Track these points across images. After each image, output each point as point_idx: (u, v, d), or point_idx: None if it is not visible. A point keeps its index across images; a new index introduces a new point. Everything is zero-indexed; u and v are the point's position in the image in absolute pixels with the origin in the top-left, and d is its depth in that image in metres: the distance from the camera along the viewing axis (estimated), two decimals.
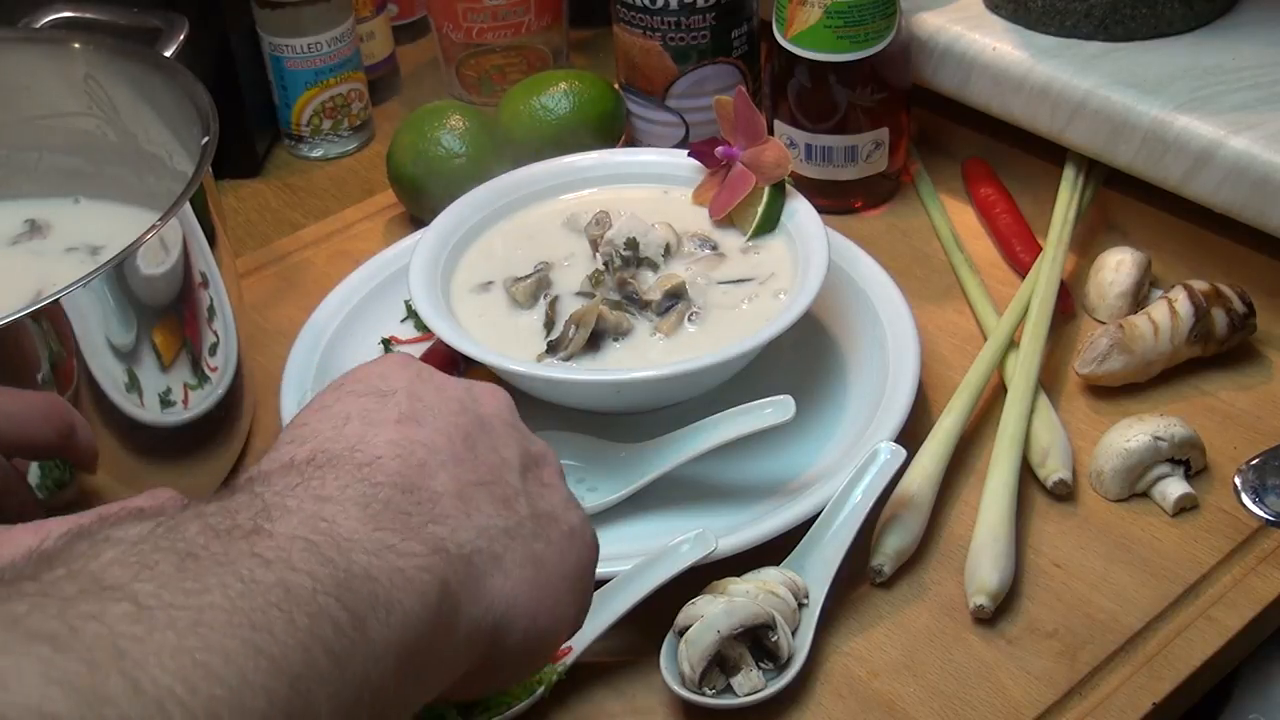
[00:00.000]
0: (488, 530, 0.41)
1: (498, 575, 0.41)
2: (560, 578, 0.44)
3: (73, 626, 0.29)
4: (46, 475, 0.61)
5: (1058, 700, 0.57)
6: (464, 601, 0.39)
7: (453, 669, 0.40)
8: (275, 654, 0.31)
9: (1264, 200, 0.72)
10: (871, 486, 0.62)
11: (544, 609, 0.43)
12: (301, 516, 0.36)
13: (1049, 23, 0.83)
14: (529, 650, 0.43)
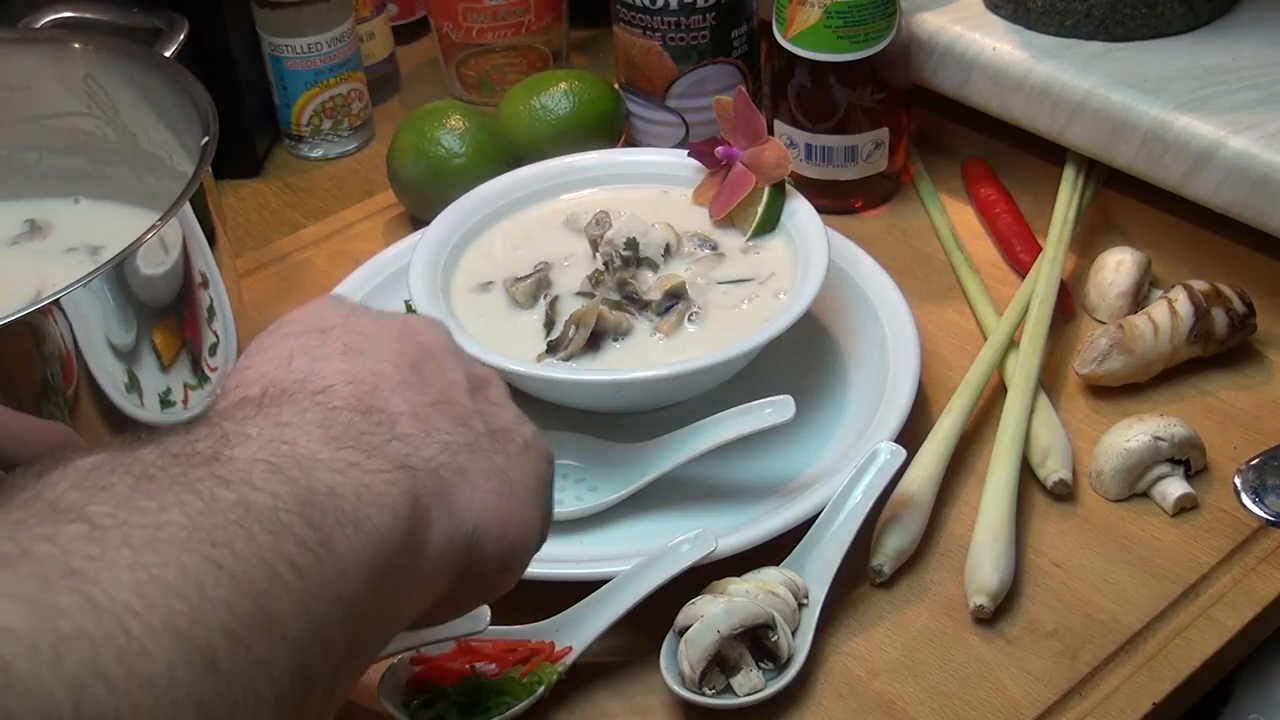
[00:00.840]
0: (450, 445, 0.41)
1: (465, 488, 0.41)
2: (524, 489, 0.44)
3: (24, 548, 0.28)
4: None
5: (1058, 700, 0.57)
6: (435, 516, 0.39)
7: (429, 588, 0.40)
8: (236, 569, 0.31)
9: (1264, 200, 0.72)
10: (871, 486, 0.62)
11: (513, 519, 0.43)
12: (261, 441, 0.36)
13: (1049, 23, 0.83)
14: (503, 563, 0.43)
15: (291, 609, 0.32)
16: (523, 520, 0.43)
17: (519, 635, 0.60)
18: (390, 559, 0.36)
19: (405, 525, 0.37)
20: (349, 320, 0.44)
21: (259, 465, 0.34)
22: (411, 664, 0.58)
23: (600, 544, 0.64)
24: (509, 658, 0.59)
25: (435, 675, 0.58)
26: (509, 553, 0.43)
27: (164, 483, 0.32)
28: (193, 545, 0.30)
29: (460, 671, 0.58)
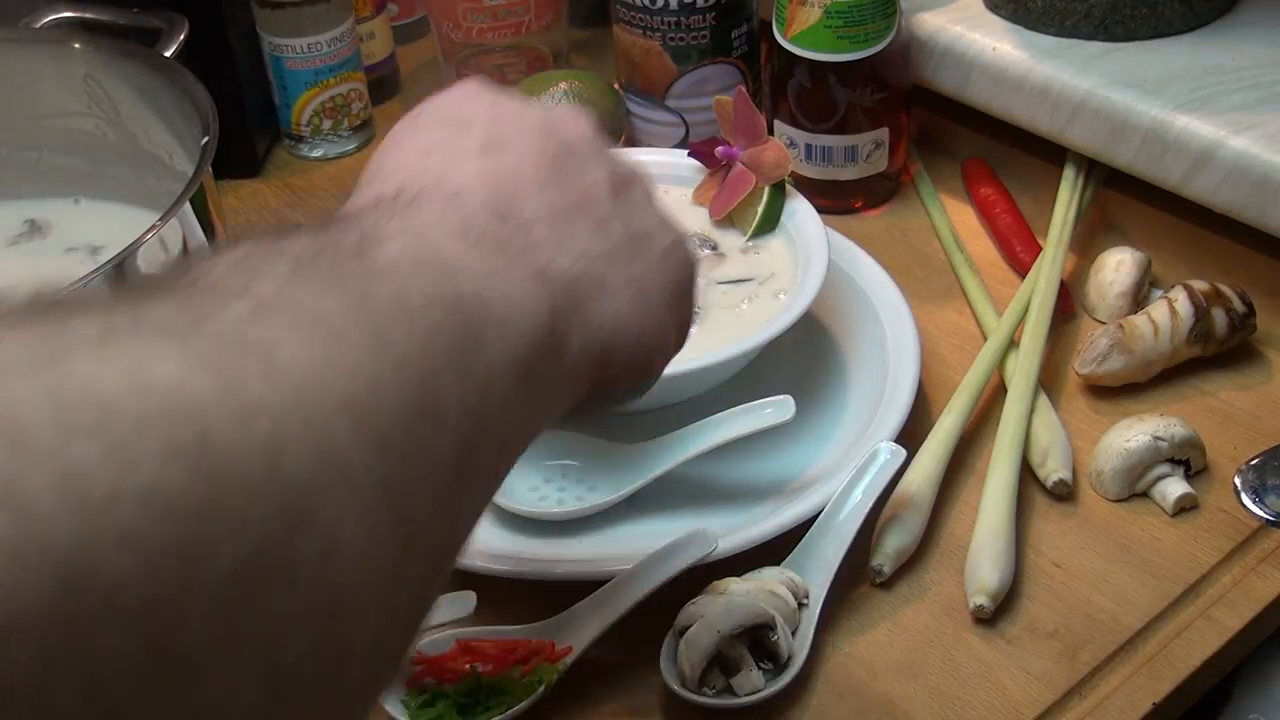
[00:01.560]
0: (587, 254, 0.41)
1: (601, 299, 0.41)
2: (660, 296, 0.44)
3: (197, 322, 0.28)
4: None
5: (1058, 700, 0.57)
6: (573, 326, 0.40)
7: (568, 392, 0.41)
8: (399, 358, 0.31)
9: (1264, 200, 0.72)
10: (871, 486, 0.62)
11: (648, 327, 0.43)
12: (403, 242, 0.35)
13: (1049, 23, 0.83)
14: (638, 370, 0.44)
15: (451, 400, 0.32)
16: (657, 328, 0.44)
17: (519, 635, 0.59)
18: (533, 362, 0.37)
19: (545, 331, 0.38)
20: (491, 112, 0.43)
21: (405, 264, 0.34)
22: (411, 664, 0.58)
23: (600, 544, 0.64)
24: (509, 658, 0.59)
25: (435, 675, 0.58)
26: (644, 360, 0.44)
27: (317, 273, 0.31)
28: (356, 332, 0.30)
29: (460, 671, 0.58)
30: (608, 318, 0.41)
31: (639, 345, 0.43)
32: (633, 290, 0.43)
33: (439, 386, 0.32)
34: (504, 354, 0.35)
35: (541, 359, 0.37)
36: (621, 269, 0.42)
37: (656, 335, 0.44)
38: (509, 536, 0.65)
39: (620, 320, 0.42)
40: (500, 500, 0.65)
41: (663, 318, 0.44)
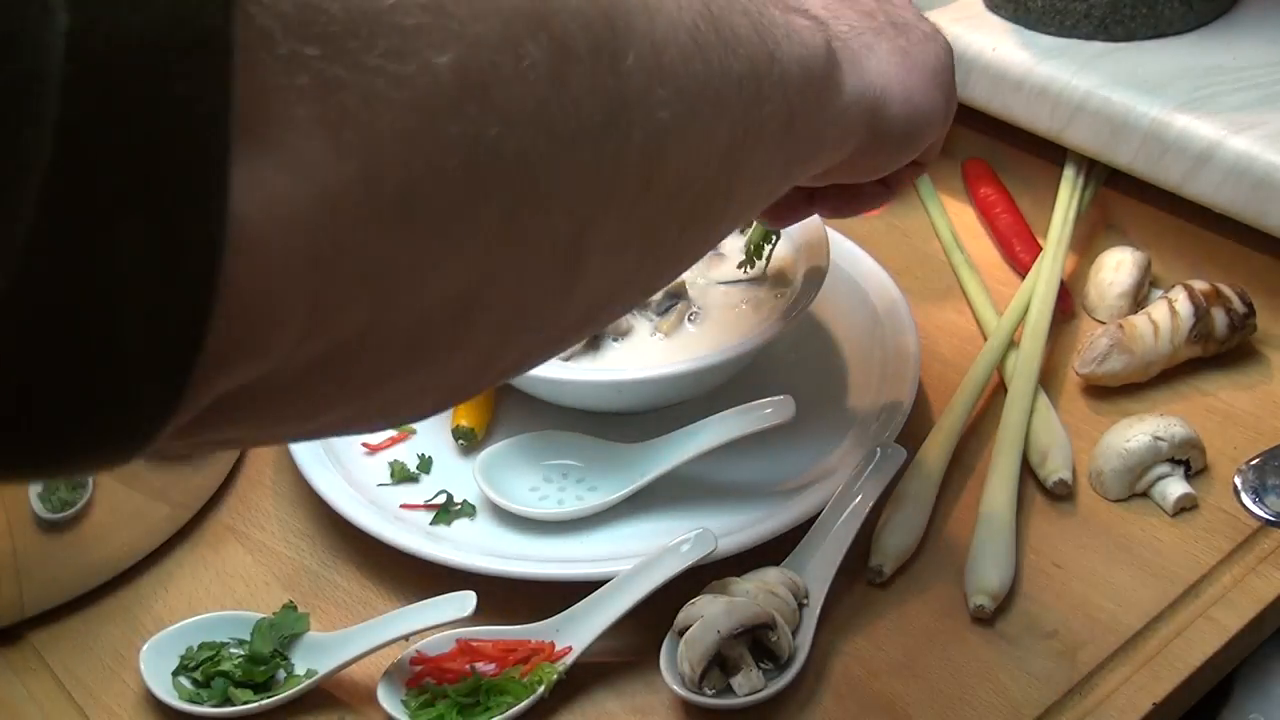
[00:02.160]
0: (856, 28, 0.47)
1: (871, 58, 0.47)
2: (925, 69, 0.50)
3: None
4: (52, 493, 0.61)
5: (1058, 700, 0.57)
6: (846, 72, 0.44)
7: (841, 135, 0.45)
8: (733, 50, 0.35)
9: (1264, 200, 0.72)
10: (871, 486, 0.62)
11: (916, 89, 0.48)
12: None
13: (1049, 23, 0.83)
14: (906, 130, 0.49)
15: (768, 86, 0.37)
16: (924, 92, 0.49)
17: (519, 635, 0.60)
18: (813, 81, 0.41)
19: (823, 58, 0.42)
20: None
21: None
22: (411, 664, 0.59)
23: (600, 544, 0.64)
24: (509, 658, 0.59)
25: (435, 675, 0.58)
26: (911, 121, 0.48)
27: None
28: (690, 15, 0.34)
29: (460, 671, 0.58)
30: (878, 73, 0.46)
31: (908, 106, 0.48)
32: (900, 56, 0.48)
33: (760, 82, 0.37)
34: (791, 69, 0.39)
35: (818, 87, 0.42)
36: (888, 41, 0.48)
37: (924, 101, 0.49)
38: (509, 536, 0.65)
39: (889, 80, 0.47)
40: (500, 500, 0.65)
41: (930, 89, 0.50)
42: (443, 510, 0.66)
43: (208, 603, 0.64)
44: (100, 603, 0.65)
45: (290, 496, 0.70)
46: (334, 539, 0.67)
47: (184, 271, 0.22)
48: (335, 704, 0.59)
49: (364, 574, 0.65)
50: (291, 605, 0.62)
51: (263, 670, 0.59)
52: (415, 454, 0.69)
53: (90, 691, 0.61)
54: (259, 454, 0.72)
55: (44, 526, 0.61)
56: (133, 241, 0.21)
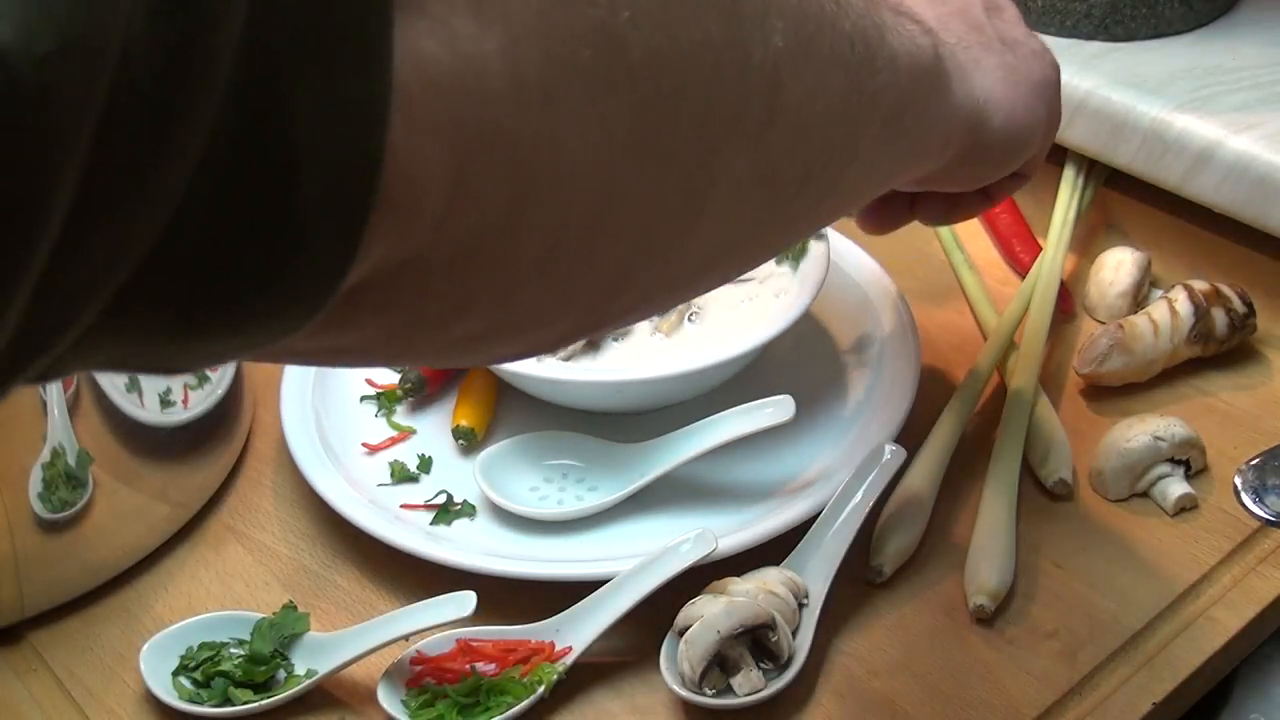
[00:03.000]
0: (964, 40, 0.48)
1: (977, 72, 0.48)
2: (1030, 85, 0.51)
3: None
4: (52, 493, 0.61)
5: (1058, 700, 0.57)
6: (952, 80, 0.46)
7: (944, 143, 0.46)
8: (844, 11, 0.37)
9: (1264, 200, 0.72)
10: (871, 486, 0.62)
11: (1020, 104, 0.50)
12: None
13: (1049, 23, 0.83)
14: (1008, 143, 0.50)
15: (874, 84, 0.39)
16: (1028, 107, 0.50)
17: (519, 635, 0.60)
18: (922, 75, 0.43)
19: (931, 58, 0.43)
20: None
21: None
22: (411, 664, 0.59)
23: (600, 544, 0.64)
24: (509, 658, 0.59)
25: (435, 675, 0.58)
26: (1013, 134, 0.50)
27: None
28: None
29: (460, 671, 0.58)
30: (982, 87, 0.48)
31: (1011, 120, 0.49)
32: (1006, 71, 0.49)
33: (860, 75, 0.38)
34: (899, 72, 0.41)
35: (924, 89, 0.43)
36: (995, 56, 0.49)
37: (1027, 116, 0.50)
38: (509, 536, 0.65)
39: (993, 93, 0.48)
40: (500, 500, 0.65)
41: (1033, 104, 0.51)
42: (443, 510, 0.66)
43: (208, 603, 0.64)
44: (100, 603, 0.65)
45: (290, 496, 0.70)
46: (334, 539, 0.67)
47: (355, 124, 0.23)
48: (335, 704, 0.59)
49: (364, 574, 0.65)
50: (291, 605, 0.62)
51: (263, 670, 0.59)
52: (415, 454, 0.69)
53: (90, 691, 0.61)
54: (259, 454, 0.73)
55: (44, 526, 0.61)
56: (309, 95, 0.22)
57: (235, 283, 0.24)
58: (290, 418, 0.70)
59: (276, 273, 0.24)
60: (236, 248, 0.23)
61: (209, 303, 0.24)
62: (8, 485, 0.59)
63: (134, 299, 0.23)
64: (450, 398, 0.73)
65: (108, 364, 0.25)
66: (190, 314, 0.24)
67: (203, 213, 0.22)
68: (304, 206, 0.23)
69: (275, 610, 0.62)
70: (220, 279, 0.23)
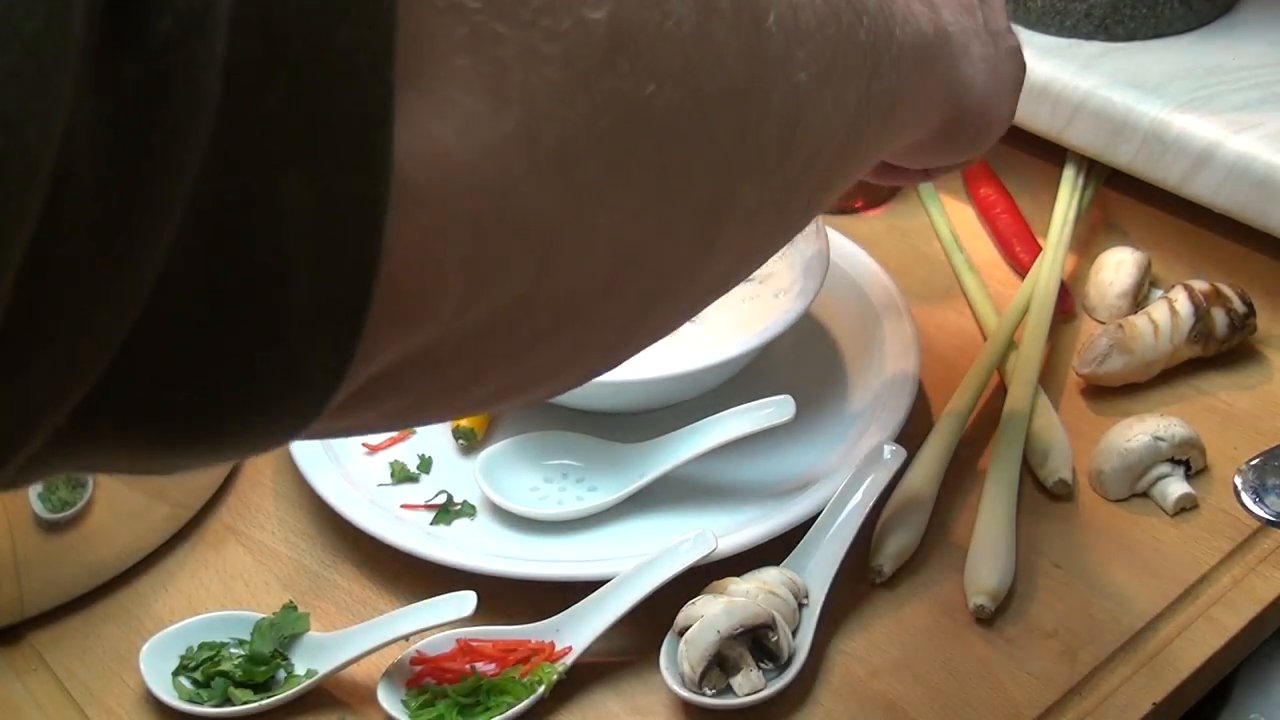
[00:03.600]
0: (958, 24, 0.49)
1: (964, 59, 0.49)
2: (1004, 82, 0.53)
3: None
4: (52, 493, 0.61)
5: (1058, 700, 0.57)
6: (941, 64, 0.47)
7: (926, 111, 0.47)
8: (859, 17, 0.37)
9: (1264, 200, 0.72)
10: (871, 486, 0.62)
11: (991, 99, 0.52)
12: None
13: (1049, 23, 0.83)
14: (974, 134, 0.52)
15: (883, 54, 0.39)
16: (998, 104, 0.52)
17: (519, 635, 0.60)
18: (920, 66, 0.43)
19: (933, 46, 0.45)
20: None
21: None
22: (411, 664, 0.59)
23: (600, 544, 0.64)
24: (509, 658, 0.59)
25: (435, 675, 0.58)
26: (981, 126, 0.52)
27: None
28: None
29: (460, 671, 0.58)
30: (967, 75, 0.49)
31: (984, 111, 0.51)
32: (988, 65, 0.51)
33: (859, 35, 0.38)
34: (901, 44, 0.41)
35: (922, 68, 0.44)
36: (981, 48, 0.51)
37: (996, 109, 0.53)
38: (509, 536, 0.65)
39: (974, 82, 0.50)
40: (500, 500, 0.65)
41: (1003, 99, 0.53)
42: (443, 510, 0.66)
43: (208, 603, 0.64)
44: (100, 603, 0.65)
45: (290, 496, 0.70)
46: (334, 539, 0.67)
47: (348, 226, 0.21)
48: (335, 704, 0.59)
49: (364, 574, 0.65)
50: (291, 605, 0.62)
51: (263, 670, 0.59)
52: (415, 454, 0.69)
53: (90, 691, 0.61)
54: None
55: (44, 526, 0.61)
56: (295, 195, 0.21)
57: (215, 401, 0.22)
58: None
59: (261, 390, 0.22)
60: (215, 363, 0.21)
61: (186, 422, 0.22)
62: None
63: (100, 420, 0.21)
64: None
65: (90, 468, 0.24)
66: (165, 433, 0.22)
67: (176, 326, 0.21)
68: (292, 319, 0.21)
69: (275, 610, 0.62)
70: (198, 397, 0.22)
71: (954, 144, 0.53)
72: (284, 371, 0.22)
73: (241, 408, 0.22)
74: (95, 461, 0.23)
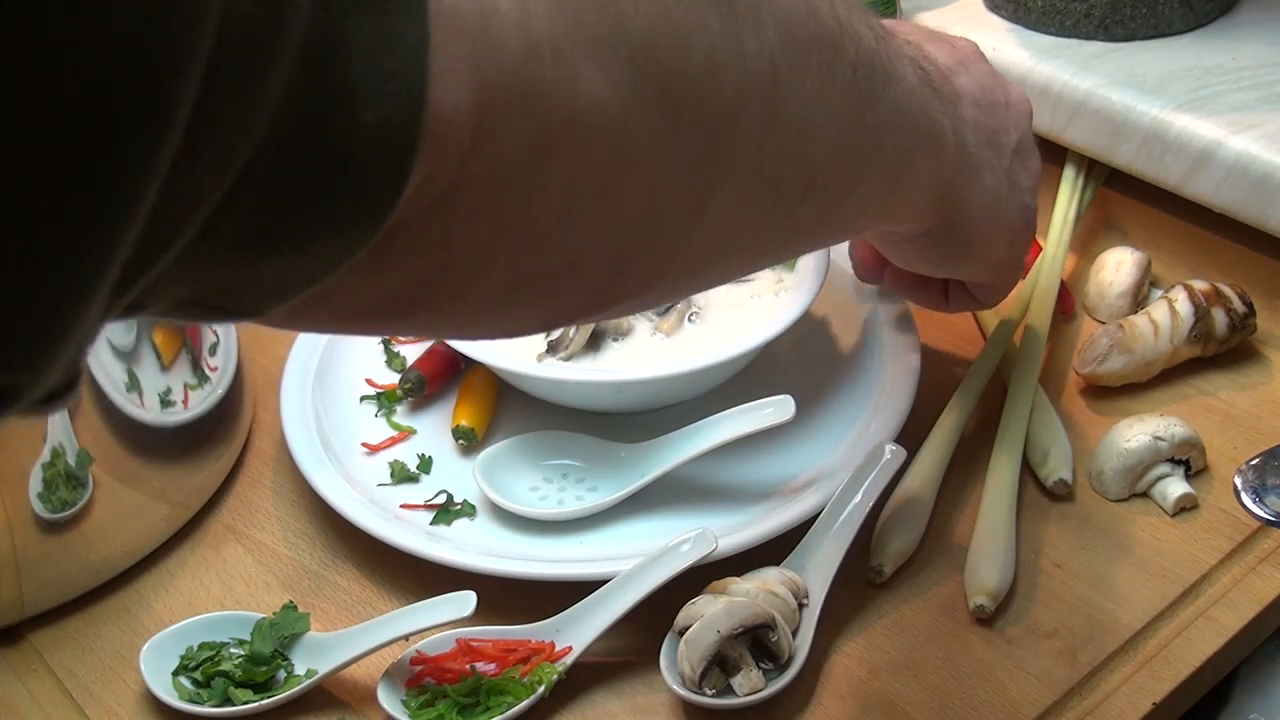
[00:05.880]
0: (978, 149, 0.53)
1: (972, 180, 0.53)
2: (1000, 220, 0.56)
3: None
4: (52, 493, 0.61)
5: (1058, 700, 0.57)
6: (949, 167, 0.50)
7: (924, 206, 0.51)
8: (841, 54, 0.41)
9: (1264, 200, 0.72)
10: (871, 486, 0.62)
11: (984, 228, 0.55)
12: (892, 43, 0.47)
13: (1049, 23, 0.83)
14: (960, 248, 0.56)
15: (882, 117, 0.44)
16: (990, 234, 0.56)
17: (519, 635, 0.60)
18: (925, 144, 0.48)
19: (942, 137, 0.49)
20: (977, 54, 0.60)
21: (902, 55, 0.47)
22: (411, 664, 0.59)
23: (600, 544, 0.64)
24: (509, 658, 0.59)
25: (435, 675, 0.58)
26: (964, 245, 0.56)
27: None
28: None
29: (460, 671, 0.58)
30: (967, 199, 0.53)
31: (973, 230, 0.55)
32: (992, 198, 0.55)
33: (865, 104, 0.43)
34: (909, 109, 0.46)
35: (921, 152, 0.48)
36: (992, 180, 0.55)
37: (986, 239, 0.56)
38: (509, 536, 0.65)
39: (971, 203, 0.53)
40: (500, 500, 0.65)
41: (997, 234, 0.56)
42: (443, 510, 0.66)
43: (208, 603, 0.64)
44: (100, 603, 0.65)
45: (290, 496, 0.70)
46: (334, 539, 0.67)
47: (398, 59, 0.26)
48: (335, 704, 0.59)
49: (364, 574, 0.65)
50: (291, 605, 0.62)
51: (263, 670, 0.59)
52: (415, 454, 0.69)
53: (90, 691, 0.61)
54: (259, 454, 0.73)
55: (44, 526, 0.61)
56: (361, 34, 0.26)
57: (308, 200, 0.27)
58: (290, 418, 0.70)
59: (342, 192, 0.27)
60: (309, 169, 0.26)
61: (285, 219, 0.27)
62: (8, 485, 0.59)
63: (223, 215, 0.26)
64: (450, 398, 0.73)
65: (179, 303, 0.28)
66: (269, 229, 0.27)
67: (282, 136, 0.25)
68: (363, 132, 0.26)
69: (275, 610, 0.62)
70: (296, 196, 0.26)
71: (937, 250, 0.56)
72: (360, 177, 0.27)
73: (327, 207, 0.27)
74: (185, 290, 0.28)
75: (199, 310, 0.29)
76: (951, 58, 0.56)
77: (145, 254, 0.24)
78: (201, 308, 0.29)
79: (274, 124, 0.25)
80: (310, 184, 0.26)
